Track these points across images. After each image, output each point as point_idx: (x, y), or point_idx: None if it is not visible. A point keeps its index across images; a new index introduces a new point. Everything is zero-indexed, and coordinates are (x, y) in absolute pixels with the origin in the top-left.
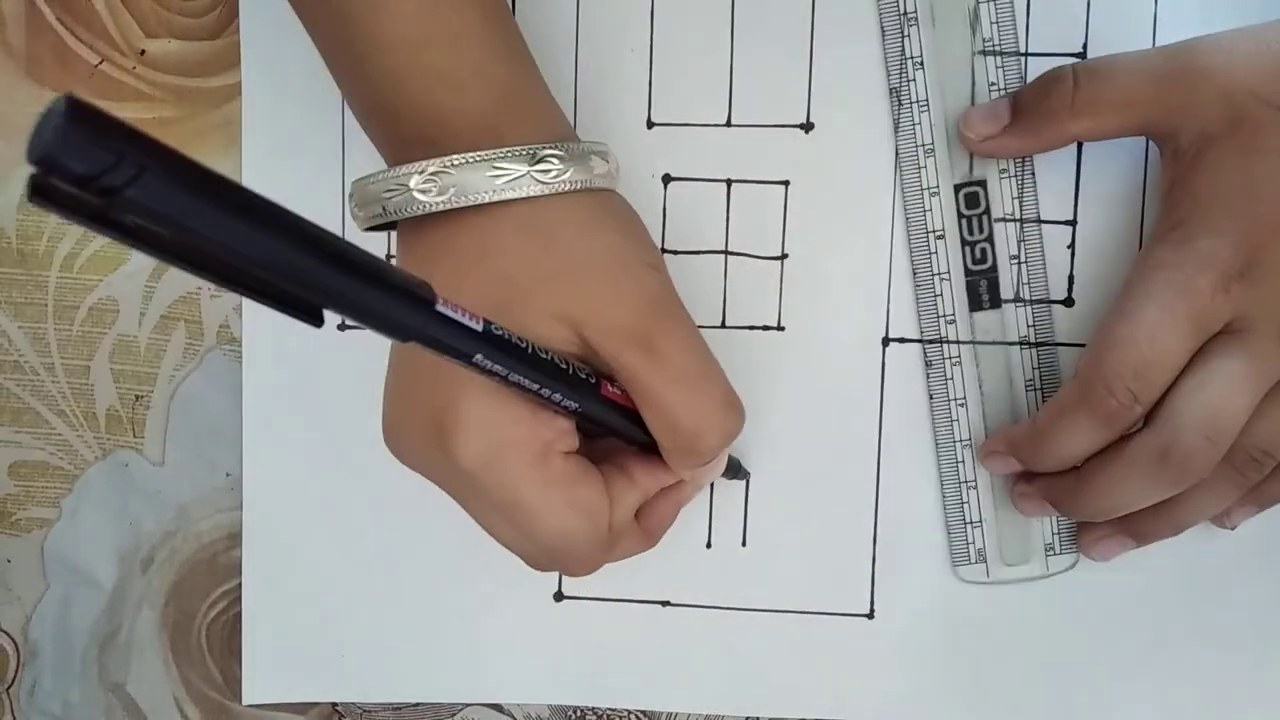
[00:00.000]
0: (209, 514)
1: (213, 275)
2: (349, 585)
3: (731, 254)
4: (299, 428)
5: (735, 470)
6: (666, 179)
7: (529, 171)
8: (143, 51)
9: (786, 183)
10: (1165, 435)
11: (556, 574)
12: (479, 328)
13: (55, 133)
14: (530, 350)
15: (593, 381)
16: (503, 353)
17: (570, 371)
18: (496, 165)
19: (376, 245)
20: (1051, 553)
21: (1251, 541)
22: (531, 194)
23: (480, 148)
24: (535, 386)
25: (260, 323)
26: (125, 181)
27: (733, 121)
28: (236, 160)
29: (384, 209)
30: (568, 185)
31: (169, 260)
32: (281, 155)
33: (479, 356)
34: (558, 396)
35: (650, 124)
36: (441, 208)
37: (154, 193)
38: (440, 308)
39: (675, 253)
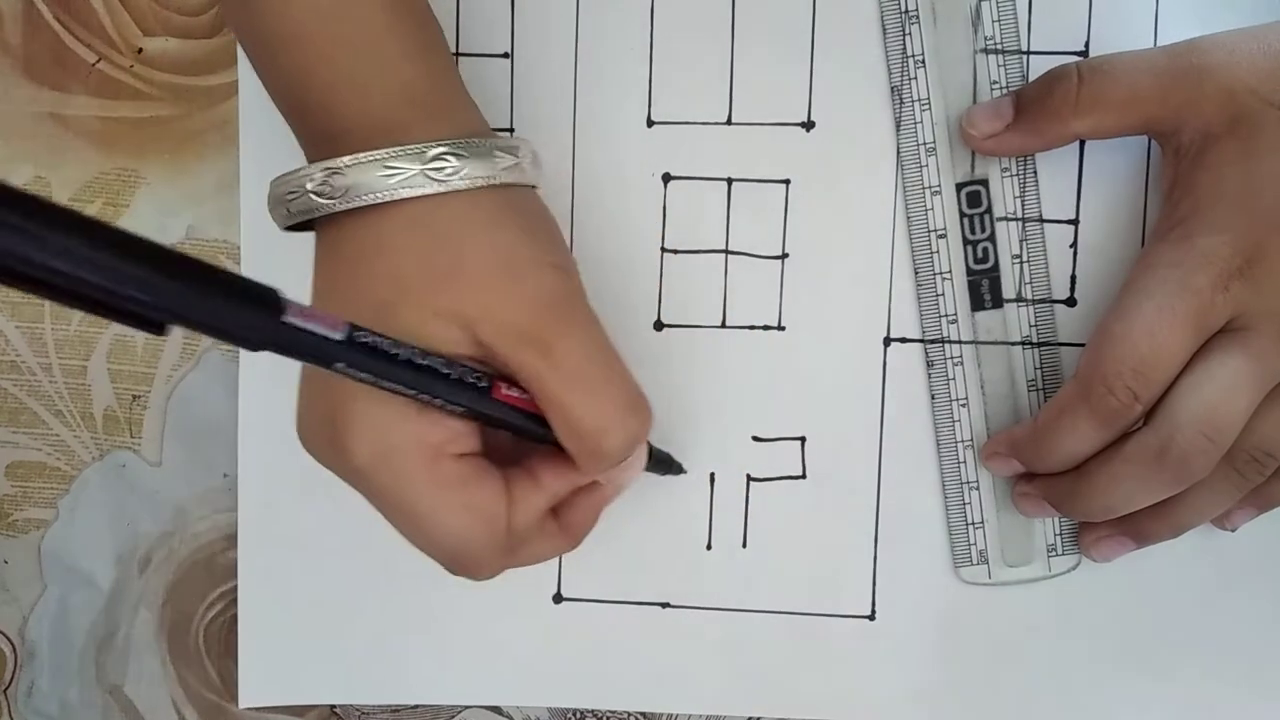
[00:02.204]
0: (206, 514)
1: (43, 292)
2: (346, 587)
3: (732, 253)
4: (295, 428)
5: (667, 465)
6: (666, 178)
7: (421, 170)
8: (140, 50)
9: (787, 181)
10: (1164, 433)
11: (557, 571)
12: (339, 336)
13: None
14: (403, 356)
15: (483, 385)
16: (370, 359)
17: (453, 375)
18: (388, 165)
19: None
20: (1053, 554)
21: (1252, 544)
22: (426, 192)
23: (375, 148)
24: (411, 391)
25: None
26: None
27: (733, 120)
28: (234, 158)
29: (288, 210)
30: (465, 183)
31: None
32: (279, 153)
33: (340, 365)
34: (439, 401)
35: (650, 123)
36: (337, 208)
37: None
38: (289, 318)
39: (675, 252)
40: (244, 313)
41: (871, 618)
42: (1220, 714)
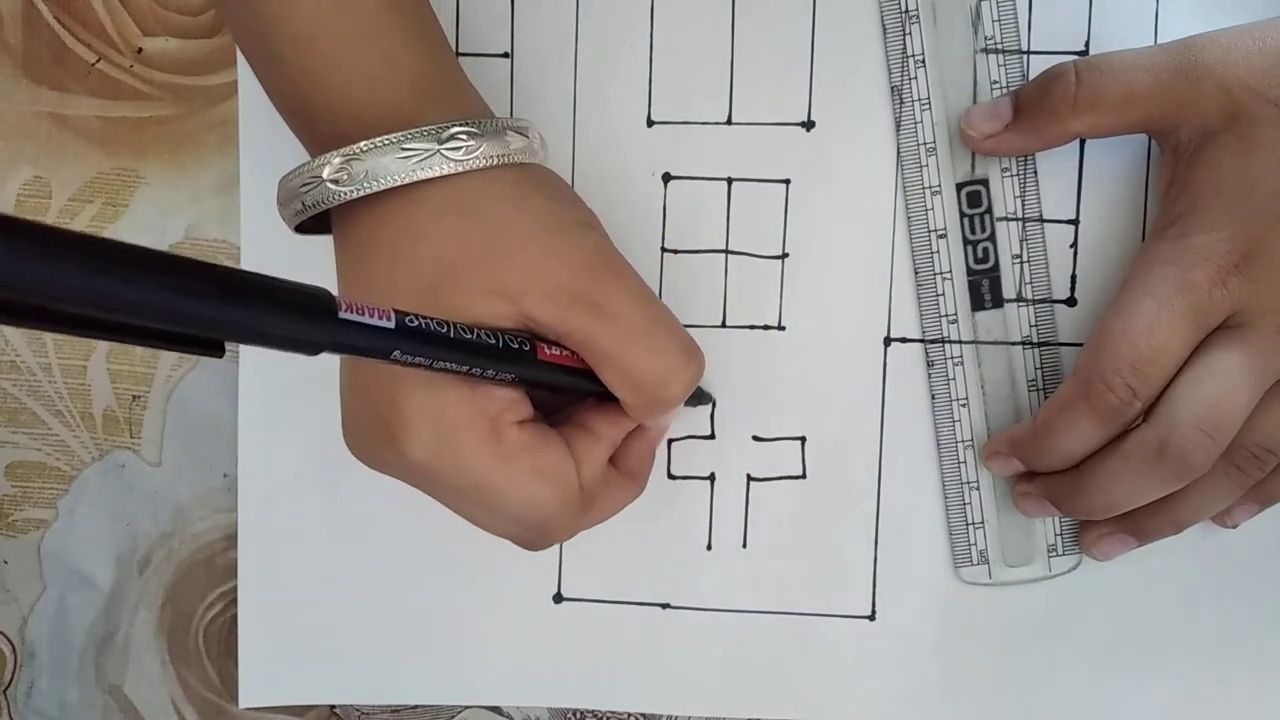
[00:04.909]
0: (206, 515)
1: (96, 333)
2: (346, 587)
3: (732, 253)
4: (295, 428)
5: (699, 397)
6: (667, 177)
7: (439, 150)
8: (140, 50)
9: (787, 181)
10: (1163, 430)
11: (557, 571)
12: (390, 325)
13: None
14: (453, 334)
15: (527, 349)
16: (422, 343)
17: (501, 345)
18: (405, 146)
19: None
20: (1054, 554)
21: (1252, 543)
22: (444, 172)
23: None
24: (463, 368)
25: None
26: None
27: (733, 120)
28: (234, 158)
29: (303, 203)
30: (482, 161)
31: (47, 328)
32: (278, 153)
33: (396, 353)
34: (491, 372)
35: (650, 122)
36: (356, 194)
37: (5, 267)
38: (344, 315)
39: (675, 252)
40: (302, 320)
41: (871, 618)
42: (1220, 714)
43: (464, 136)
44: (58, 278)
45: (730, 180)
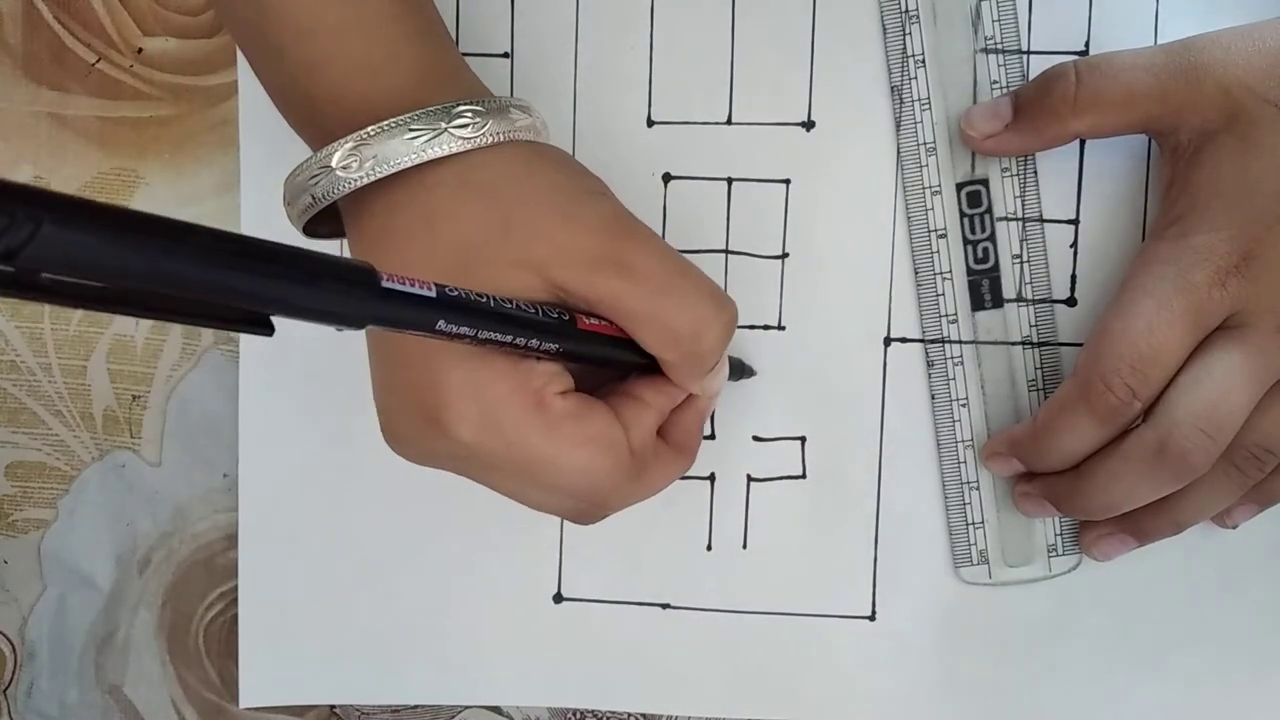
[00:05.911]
0: (206, 515)
1: (151, 313)
2: (346, 587)
3: (732, 253)
4: (296, 428)
5: (741, 370)
6: (667, 178)
7: (446, 129)
8: (140, 50)
9: (787, 181)
10: (1163, 430)
11: (557, 571)
12: (433, 294)
13: None
14: (493, 304)
15: (567, 319)
16: (464, 313)
17: (540, 315)
18: (413, 128)
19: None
20: (1054, 554)
21: (1253, 543)
22: (454, 150)
23: None
24: (508, 338)
25: None
26: (24, 240)
27: (733, 120)
28: (234, 158)
29: (313, 196)
30: (490, 138)
31: (101, 308)
32: (279, 153)
33: (441, 323)
34: (535, 343)
35: (650, 122)
36: (368, 179)
37: (57, 242)
38: (387, 283)
39: None
40: (346, 293)
41: (871, 618)
42: (1220, 713)
43: (470, 115)
44: (115, 256)
45: (730, 180)
